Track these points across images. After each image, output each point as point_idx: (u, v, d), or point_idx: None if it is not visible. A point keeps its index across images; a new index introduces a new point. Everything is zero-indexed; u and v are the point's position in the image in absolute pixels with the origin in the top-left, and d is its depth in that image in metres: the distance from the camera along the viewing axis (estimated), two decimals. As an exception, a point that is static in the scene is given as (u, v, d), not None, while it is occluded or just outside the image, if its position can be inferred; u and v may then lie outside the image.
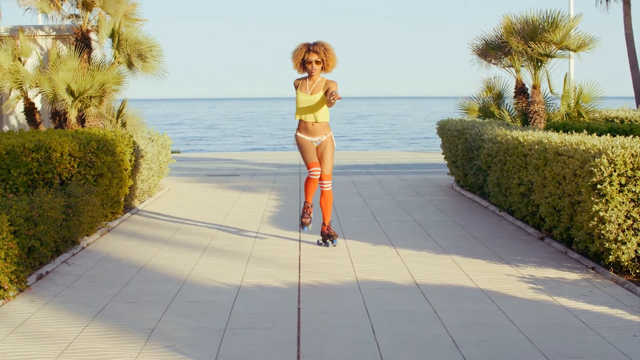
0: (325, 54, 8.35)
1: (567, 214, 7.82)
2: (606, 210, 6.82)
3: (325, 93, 8.30)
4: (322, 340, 5.28)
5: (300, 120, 8.53)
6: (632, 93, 26.87)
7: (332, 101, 8.14)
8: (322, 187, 8.46)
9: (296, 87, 8.54)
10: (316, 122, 8.44)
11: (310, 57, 8.34)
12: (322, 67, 8.42)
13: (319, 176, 8.39)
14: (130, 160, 10.68)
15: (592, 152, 7.17)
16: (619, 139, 7.54)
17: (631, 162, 6.82)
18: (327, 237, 8.54)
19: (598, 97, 16.18)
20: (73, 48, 14.22)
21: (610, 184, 6.82)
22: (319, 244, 8.60)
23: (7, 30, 15.08)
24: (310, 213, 8.58)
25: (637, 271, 6.94)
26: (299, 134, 8.55)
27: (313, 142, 8.48)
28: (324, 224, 8.58)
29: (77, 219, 8.15)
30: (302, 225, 8.63)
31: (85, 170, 9.28)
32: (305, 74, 8.50)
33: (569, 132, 9.55)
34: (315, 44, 8.41)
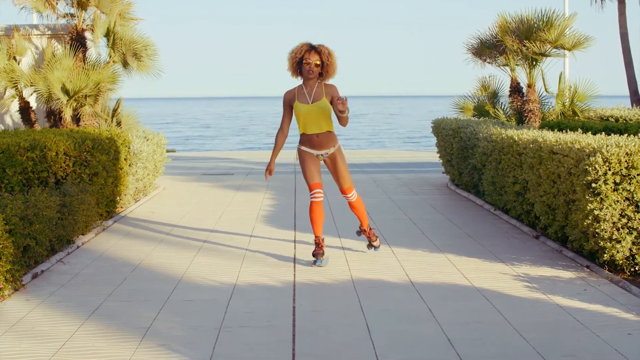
0: (328, 58, 7.44)
1: (561, 212, 7.84)
2: (601, 209, 6.84)
3: (331, 103, 7.47)
4: (317, 339, 5.28)
5: (303, 134, 7.61)
6: (626, 92, 26.92)
7: (342, 110, 7.26)
8: (348, 199, 7.78)
9: (289, 100, 7.60)
10: (321, 133, 7.53)
11: (310, 58, 7.40)
12: (319, 73, 7.51)
13: (322, 198, 7.56)
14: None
15: (587, 150, 7.18)
16: (614, 137, 7.55)
17: (626, 161, 6.83)
18: (370, 245, 8.11)
19: (593, 95, 16.23)
20: (68, 47, 14.21)
21: (605, 182, 6.83)
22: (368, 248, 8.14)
23: (2, 30, 15.05)
24: (322, 247, 7.57)
25: (632, 269, 6.95)
26: (302, 147, 7.66)
27: (319, 156, 7.61)
28: (364, 230, 8.03)
29: (72, 218, 8.15)
30: (315, 258, 7.56)
31: (81, 169, 9.28)
32: (298, 83, 7.63)
33: (563, 131, 9.58)
34: (319, 45, 7.51)
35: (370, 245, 8.09)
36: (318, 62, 7.44)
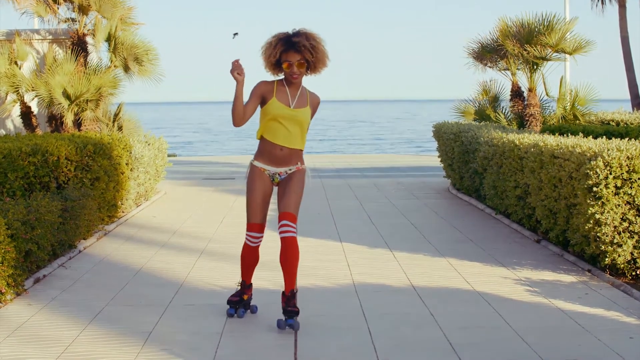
0: (312, 52, 5.60)
1: (563, 216, 7.84)
2: (602, 213, 6.84)
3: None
4: (318, 343, 5.28)
5: (265, 142, 5.74)
6: (627, 96, 26.92)
7: None
8: (284, 232, 5.66)
9: (263, 92, 5.67)
10: (288, 148, 5.72)
11: (291, 58, 5.60)
12: (306, 68, 5.71)
13: (258, 244, 5.87)
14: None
15: (588, 154, 7.19)
16: (615, 141, 7.57)
17: (627, 165, 6.84)
18: (285, 312, 5.59)
19: (594, 99, 16.27)
20: (69, 52, 14.24)
21: (606, 186, 6.83)
22: (278, 325, 5.61)
23: (3, 34, 15.08)
24: (246, 295, 5.95)
25: (633, 273, 6.96)
26: (256, 162, 5.80)
27: (275, 177, 5.82)
28: (283, 293, 5.67)
29: (74, 223, 8.15)
30: (229, 306, 5.96)
31: (82, 173, 9.28)
32: (280, 77, 5.79)
33: (565, 135, 9.58)
34: (297, 35, 5.61)
35: (282, 322, 5.57)
36: (302, 61, 5.63)
